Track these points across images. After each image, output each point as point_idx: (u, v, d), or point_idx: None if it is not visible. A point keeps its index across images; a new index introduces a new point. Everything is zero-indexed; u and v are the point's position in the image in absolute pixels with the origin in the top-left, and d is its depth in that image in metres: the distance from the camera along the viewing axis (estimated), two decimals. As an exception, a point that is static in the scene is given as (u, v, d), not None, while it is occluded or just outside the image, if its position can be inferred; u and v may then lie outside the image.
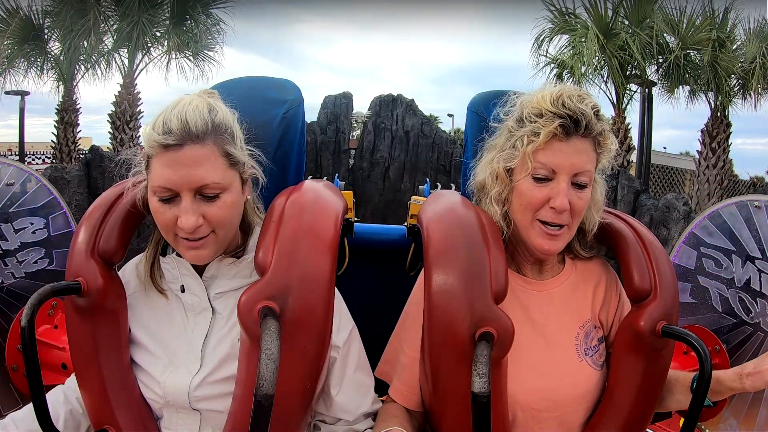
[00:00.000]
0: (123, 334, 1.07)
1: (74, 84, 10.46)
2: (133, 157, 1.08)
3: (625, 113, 10.16)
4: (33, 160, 13.99)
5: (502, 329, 0.94)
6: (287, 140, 1.25)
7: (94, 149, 7.94)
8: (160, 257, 1.10)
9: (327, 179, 1.44)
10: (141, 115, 10.73)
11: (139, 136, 10.86)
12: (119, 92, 10.55)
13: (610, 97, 10.18)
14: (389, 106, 13.74)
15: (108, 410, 1.04)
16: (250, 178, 1.06)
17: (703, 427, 1.64)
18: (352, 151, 13.40)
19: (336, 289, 1.04)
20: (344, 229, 1.32)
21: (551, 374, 1.07)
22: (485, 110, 1.27)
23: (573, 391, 1.08)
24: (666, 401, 1.12)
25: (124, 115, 10.44)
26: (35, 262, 1.87)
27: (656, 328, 1.02)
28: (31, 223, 1.88)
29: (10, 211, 1.86)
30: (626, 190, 7.98)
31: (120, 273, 1.12)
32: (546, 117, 1.02)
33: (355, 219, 1.72)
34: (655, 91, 9.98)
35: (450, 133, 16.43)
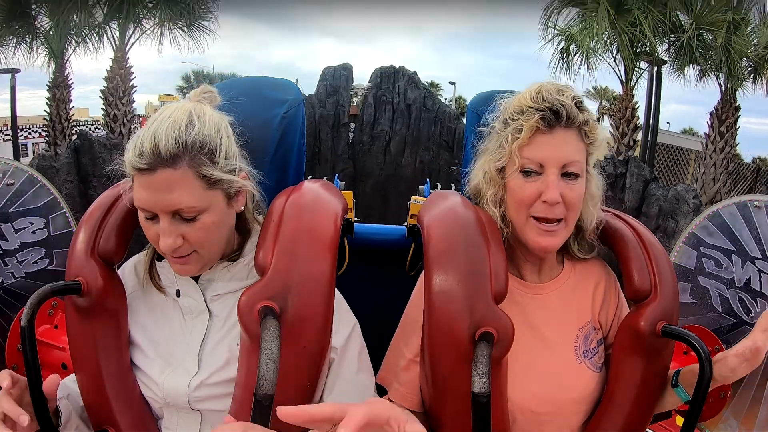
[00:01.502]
0: (123, 334, 1.07)
1: (65, 59, 10.03)
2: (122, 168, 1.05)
3: (634, 91, 9.84)
4: (30, 133, 13.66)
5: (502, 329, 0.94)
6: (287, 140, 1.25)
7: (83, 135, 7.50)
8: (157, 262, 1.10)
9: (327, 179, 1.44)
10: (134, 89, 10.34)
11: (134, 110, 10.32)
12: (111, 67, 10.16)
13: (618, 74, 9.87)
14: (390, 78, 13.15)
15: (108, 410, 1.04)
16: (245, 188, 1.04)
17: (703, 426, 1.64)
18: (352, 125, 12.84)
19: (336, 289, 1.04)
20: (344, 229, 1.32)
21: (550, 377, 1.07)
22: (486, 111, 1.27)
23: (572, 393, 1.08)
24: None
25: (117, 90, 10.06)
26: (35, 262, 1.87)
27: (656, 328, 1.02)
28: (31, 223, 1.88)
29: (10, 211, 1.86)
30: (635, 178, 7.68)
31: (119, 272, 1.12)
32: (527, 113, 1.04)
33: (356, 219, 1.72)
34: (664, 68, 9.68)
35: (451, 101, 15.87)
